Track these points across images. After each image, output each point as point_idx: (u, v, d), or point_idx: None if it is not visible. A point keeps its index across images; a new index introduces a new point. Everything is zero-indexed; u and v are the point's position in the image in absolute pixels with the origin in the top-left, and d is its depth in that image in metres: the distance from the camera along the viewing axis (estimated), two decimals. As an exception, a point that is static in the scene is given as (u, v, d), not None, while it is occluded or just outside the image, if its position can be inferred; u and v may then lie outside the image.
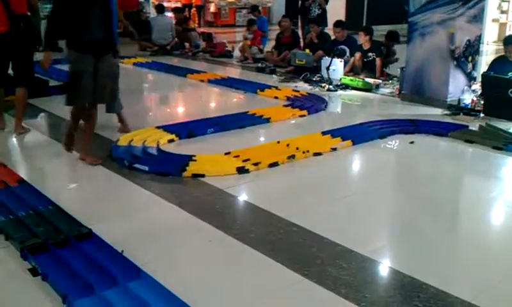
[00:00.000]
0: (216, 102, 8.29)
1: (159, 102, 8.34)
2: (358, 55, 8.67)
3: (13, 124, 5.79)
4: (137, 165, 4.61)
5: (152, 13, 14.92)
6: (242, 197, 4.17)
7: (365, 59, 8.66)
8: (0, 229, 3.41)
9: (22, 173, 4.35)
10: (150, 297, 2.66)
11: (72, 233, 3.30)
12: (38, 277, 2.90)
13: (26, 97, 5.90)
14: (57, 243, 3.17)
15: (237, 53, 11.56)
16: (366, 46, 8.66)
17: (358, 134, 5.61)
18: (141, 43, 12.32)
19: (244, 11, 19.67)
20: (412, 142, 5.44)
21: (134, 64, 10.77)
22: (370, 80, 8.15)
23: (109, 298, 2.64)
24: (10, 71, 5.88)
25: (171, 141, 5.44)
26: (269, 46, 11.54)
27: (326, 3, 11.61)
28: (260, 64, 10.25)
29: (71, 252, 3.12)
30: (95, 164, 4.72)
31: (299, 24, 12.37)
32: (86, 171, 4.67)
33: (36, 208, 3.65)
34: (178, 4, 17.80)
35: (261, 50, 11.18)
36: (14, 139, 5.74)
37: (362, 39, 8.70)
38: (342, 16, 14.55)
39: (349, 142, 5.37)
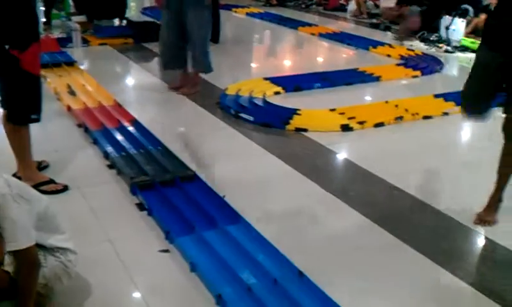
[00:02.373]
0: (325, 56, 8.17)
1: (268, 53, 8.36)
2: (483, 16, 8.10)
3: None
4: (243, 115, 4.69)
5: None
6: (344, 155, 4.12)
7: (490, 21, 8.07)
8: (113, 164, 3.65)
9: (135, 114, 4.57)
10: (246, 242, 2.75)
11: (178, 174, 3.46)
12: (144, 212, 3.08)
13: None
14: (163, 182, 3.34)
15: (351, 7, 11.24)
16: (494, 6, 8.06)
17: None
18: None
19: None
20: (533, 113, 5.06)
21: (247, 14, 10.85)
22: (493, 44, 7.61)
23: (208, 239, 2.76)
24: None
25: (277, 93, 5.46)
26: (384, 2, 11.10)
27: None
28: (374, 20, 9.92)
29: (176, 192, 3.27)
30: None
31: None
32: (194, 116, 4.83)
33: (146, 147, 3.85)
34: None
35: (377, 6, 10.79)
36: (129, 81, 6.06)
37: None
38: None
39: (462, 107, 5.09)
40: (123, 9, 8.44)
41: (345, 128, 4.52)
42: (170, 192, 3.25)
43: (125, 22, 8.44)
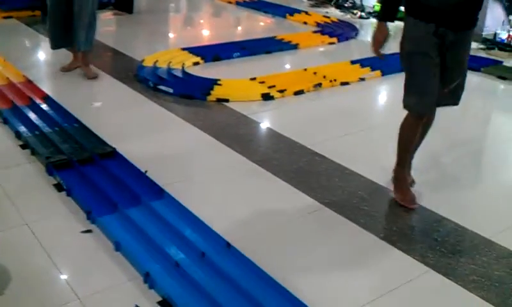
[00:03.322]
0: (243, 25, 8.12)
1: (185, 23, 8.19)
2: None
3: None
4: (162, 87, 4.59)
5: None
6: (266, 124, 4.14)
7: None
8: (26, 144, 3.46)
9: (48, 90, 4.35)
10: (172, 217, 2.71)
11: (97, 151, 3.34)
12: (62, 193, 2.95)
13: None
14: (81, 160, 3.21)
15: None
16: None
17: (388, 65, 5.46)
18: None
19: None
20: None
21: (162, -17, 10.55)
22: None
23: (132, 216, 2.69)
24: None
25: (196, 63, 5.38)
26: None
27: None
28: (290, -12, 9.95)
29: (95, 170, 3.16)
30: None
31: None
32: (111, 90, 4.66)
33: (61, 125, 3.68)
34: None
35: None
36: (39, 56, 5.76)
37: None
38: None
39: (378, 72, 5.25)
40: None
41: (266, 97, 4.53)
42: (89, 170, 3.14)
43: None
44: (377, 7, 7.97)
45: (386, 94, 5.12)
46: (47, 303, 2.18)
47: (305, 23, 7.45)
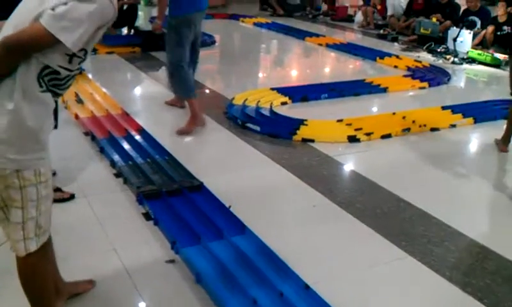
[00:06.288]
0: (333, 67, 8.18)
1: (275, 63, 8.37)
2: (490, 28, 8.10)
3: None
4: (249, 125, 4.69)
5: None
6: (351, 167, 4.11)
7: (498, 33, 8.07)
8: (119, 173, 3.65)
9: (142, 123, 4.57)
10: (252, 254, 2.73)
11: (185, 184, 3.45)
12: (150, 222, 3.07)
13: None
14: (170, 192, 3.33)
15: (358, 18, 11.27)
16: (502, 18, 8.06)
17: (481, 112, 5.29)
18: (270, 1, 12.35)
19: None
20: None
21: (254, 24, 10.87)
22: (500, 56, 7.60)
23: (214, 249, 2.74)
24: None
25: (284, 103, 5.46)
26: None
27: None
28: (381, 31, 9.92)
29: (182, 202, 3.27)
30: None
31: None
32: (200, 126, 4.81)
33: (153, 156, 3.85)
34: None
35: (384, 17, 10.80)
36: (136, 90, 6.07)
37: (500, 10, 8.09)
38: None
39: (470, 119, 5.08)
40: (133, 19, 8.47)
41: (352, 139, 4.50)
42: (177, 202, 3.25)
43: (132, 30, 8.48)
44: (471, 54, 7.77)
45: (478, 143, 4.92)
46: (129, 327, 2.26)
47: (396, 67, 7.37)
